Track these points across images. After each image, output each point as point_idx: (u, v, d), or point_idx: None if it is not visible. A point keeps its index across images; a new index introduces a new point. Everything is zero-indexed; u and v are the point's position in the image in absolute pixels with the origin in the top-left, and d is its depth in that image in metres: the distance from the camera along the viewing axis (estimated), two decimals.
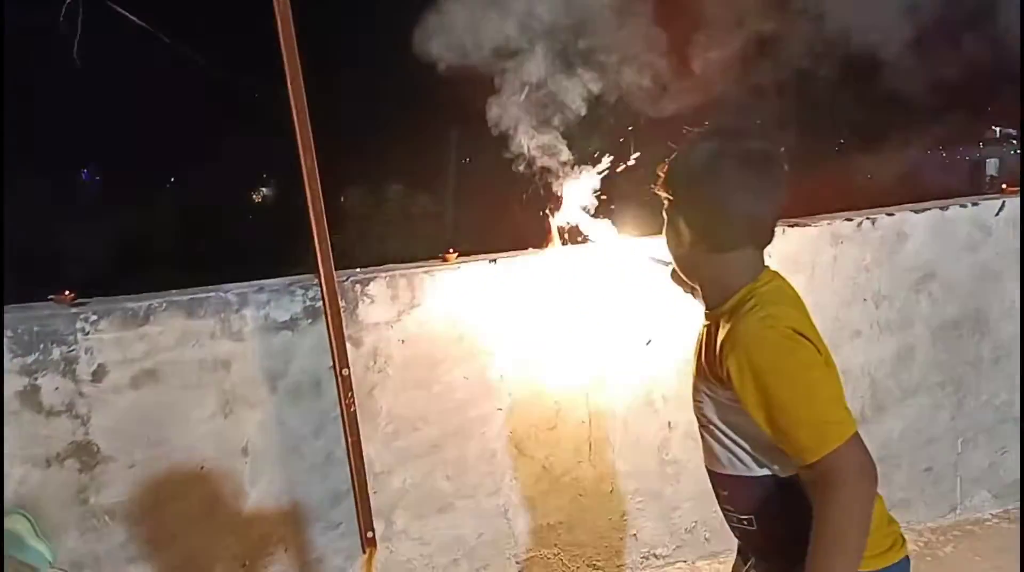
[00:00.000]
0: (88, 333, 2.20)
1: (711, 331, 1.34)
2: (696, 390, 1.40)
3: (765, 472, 1.32)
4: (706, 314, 1.39)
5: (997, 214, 2.75)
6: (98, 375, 2.21)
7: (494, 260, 2.43)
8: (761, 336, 1.22)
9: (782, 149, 1.35)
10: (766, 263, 1.35)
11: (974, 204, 2.73)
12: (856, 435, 1.18)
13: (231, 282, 2.39)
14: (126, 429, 2.25)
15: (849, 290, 2.67)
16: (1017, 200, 2.78)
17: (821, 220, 2.68)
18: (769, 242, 1.35)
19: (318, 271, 2.24)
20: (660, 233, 1.43)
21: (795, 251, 2.61)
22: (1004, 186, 2.83)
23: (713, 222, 1.31)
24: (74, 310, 2.21)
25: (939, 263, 2.72)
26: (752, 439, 1.31)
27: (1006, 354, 2.83)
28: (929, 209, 2.72)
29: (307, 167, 2.23)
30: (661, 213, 1.40)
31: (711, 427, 1.37)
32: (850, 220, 2.66)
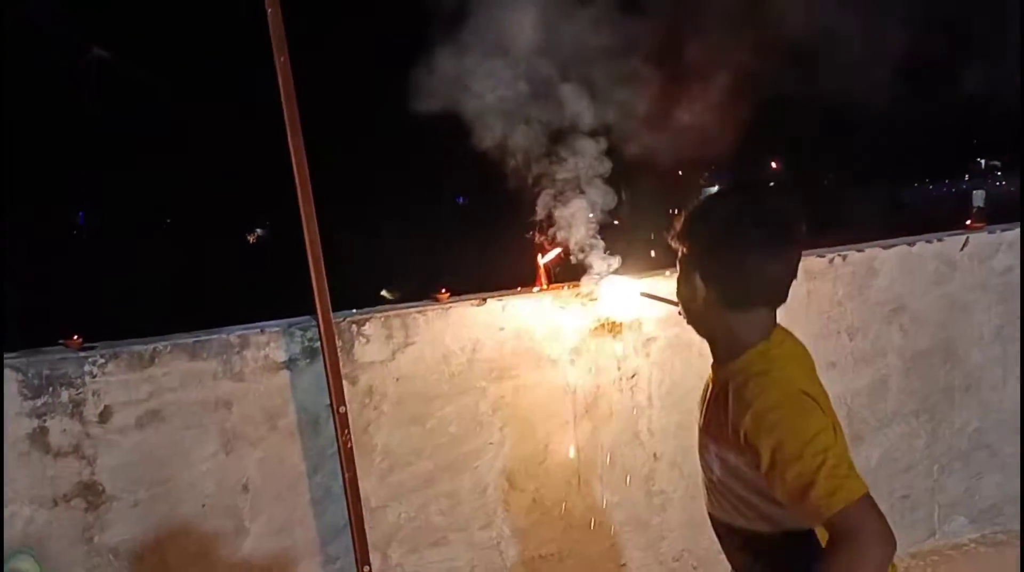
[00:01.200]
0: (96, 376, 2.30)
1: (721, 387, 1.37)
2: (703, 445, 1.43)
3: (767, 527, 1.34)
4: (714, 368, 1.42)
5: (962, 249, 2.89)
6: (104, 416, 2.31)
7: (484, 300, 2.55)
8: (773, 399, 1.25)
9: (798, 208, 1.37)
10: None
11: (939, 240, 2.87)
12: (869, 497, 1.18)
13: (226, 321, 2.50)
14: (131, 469, 2.33)
15: (823, 323, 2.79)
16: (981, 235, 2.93)
17: None
18: (783, 301, 1.37)
19: (316, 312, 2.35)
20: (657, 272, 1.53)
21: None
22: (968, 222, 2.98)
23: (730, 280, 1.33)
24: (82, 354, 2.31)
25: (908, 296, 2.86)
26: (758, 495, 1.32)
27: (976, 383, 2.95)
28: (897, 245, 2.86)
29: (306, 213, 2.36)
30: (675, 263, 1.43)
31: (717, 480, 1.39)
32: (822, 257, 2.79)
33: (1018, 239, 2.93)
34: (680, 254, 1.42)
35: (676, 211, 1.44)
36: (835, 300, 2.79)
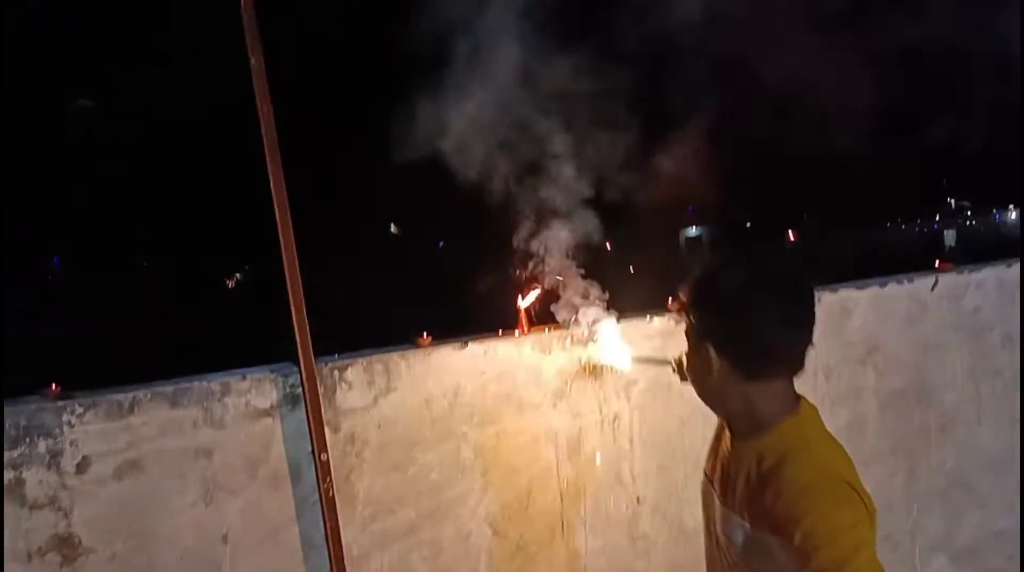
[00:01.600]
0: (74, 425, 2.27)
1: (749, 464, 1.32)
2: (724, 517, 1.38)
3: None
4: (735, 443, 1.37)
5: (932, 289, 2.96)
6: (82, 467, 2.28)
7: (465, 343, 2.57)
8: (814, 481, 1.23)
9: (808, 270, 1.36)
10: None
11: (910, 281, 2.94)
12: None
13: (202, 366, 2.50)
14: (108, 520, 2.30)
15: None
16: (950, 276, 3.00)
17: None
18: (802, 369, 1.34)
19: (298, 358, 2.36)
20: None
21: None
22: (937, 262, 3.06)
23: (747, 351, 1.30)
24: (60, 403, 2.29)
25: (882, 337, 2.91)
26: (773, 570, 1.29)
27: (951, 422, 2.99)
28: (870, 286, 2.92)
29: (288, 260, 2.39)
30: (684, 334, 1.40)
31: (737, 554, 1.36)
32: None
33: (986, 279, 3.01)
34: (688, 323, 1.39)
35: (677, 275, 1.42)
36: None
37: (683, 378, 1.54)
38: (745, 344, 1.31)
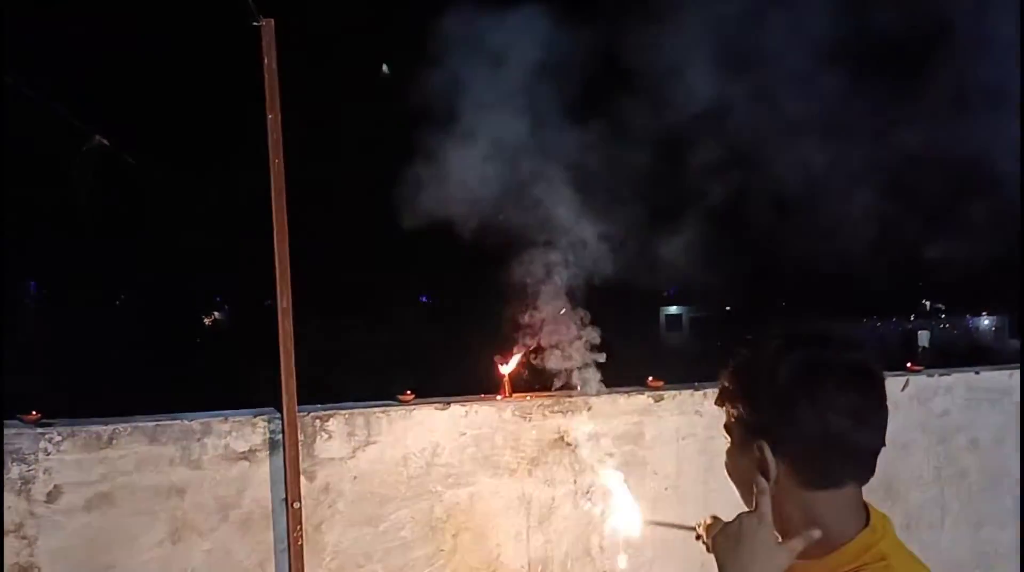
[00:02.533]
0: (50, 453, 2.27)
1: None
2: None
3: None
4: (797, 567, 1.16)
5: (903, 389, 3.05)
6: (53, 496, 2.27)
7: (447, 404, 2.61)
8: None
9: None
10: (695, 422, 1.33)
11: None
12: None
13: (173, 405, 2.52)
14: (72, 552, 2.27)
15: None
16: (921, 378, 3.10)
17: None
18: (872, 475, 1.19)
19: (282, 404, 2.39)
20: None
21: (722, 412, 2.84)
22: (908, 364, 3.16)
23: (811, 453, 1.11)
24: (40, 430, 2.29)
25: None
26: None
27: (915, 522, 3.04)
28: None
29: (283, 308, 2.44)
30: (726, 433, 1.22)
31: None
32: None
33: (955, 384, 3.11)
34: (732, 417, 1.20)
35: (722, 360, 1.23)
36: None
37: (709, 549, 1.25)
38: (811, 444, 1.10)
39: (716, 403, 1.24)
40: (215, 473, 2.39)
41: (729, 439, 1.24)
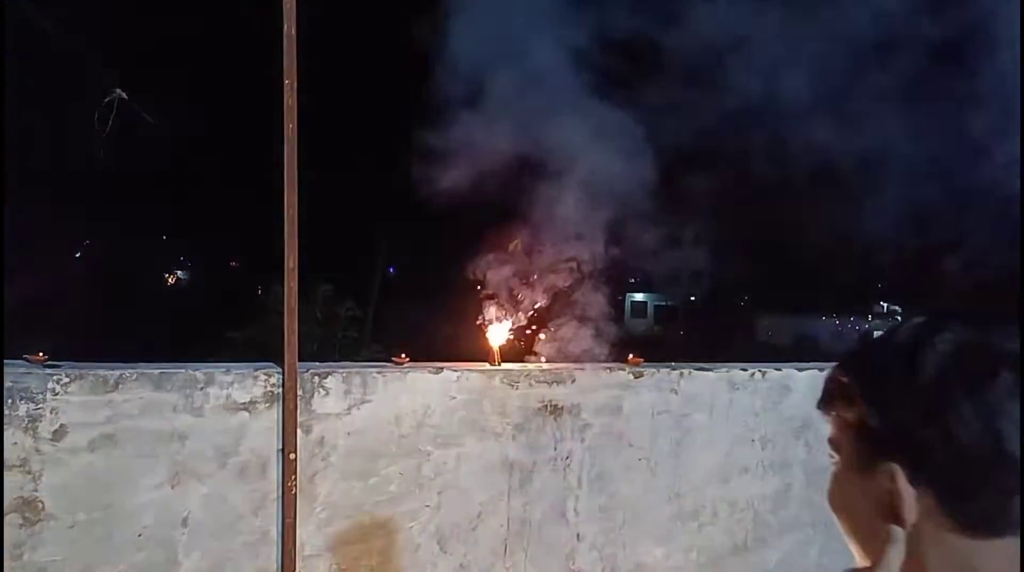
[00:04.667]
0: (57, 393, 2.35)
1: None
2: None
3: None
4: None
5: None
6: (58, 435, 2.35)
7: (440, 369, 2.74)
8: None
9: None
10: (671, 400, 1.22)
11: None
12: None
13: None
14: (74, 490, 2.36)
15: (741, 431, 3.08)
16: None
17: (720, 367, 3.12)
18: None
19: (283, 359, 2.50)
20: None
21: (698, 392, 3.02)
22: None
23: (972, 480, 0.74)
24: (48, 371, 2.36)
25: (815, 415, 3.17)
26: None
27: None
28: (810, 369, 3.20)
29: (289, 268, 2.54)
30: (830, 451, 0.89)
31: None
32: (745, 370, 3.11)
33: None
34: (847, 426, 0.86)
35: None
36: (753, 410, 3.09)
37: None
38: (972, 467, 0.74)
39: (820, 407, 0.91)
40: (216, 422, 2.49)
41: (837, 458, 0.89)
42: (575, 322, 3.15)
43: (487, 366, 2.82)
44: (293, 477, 2.50)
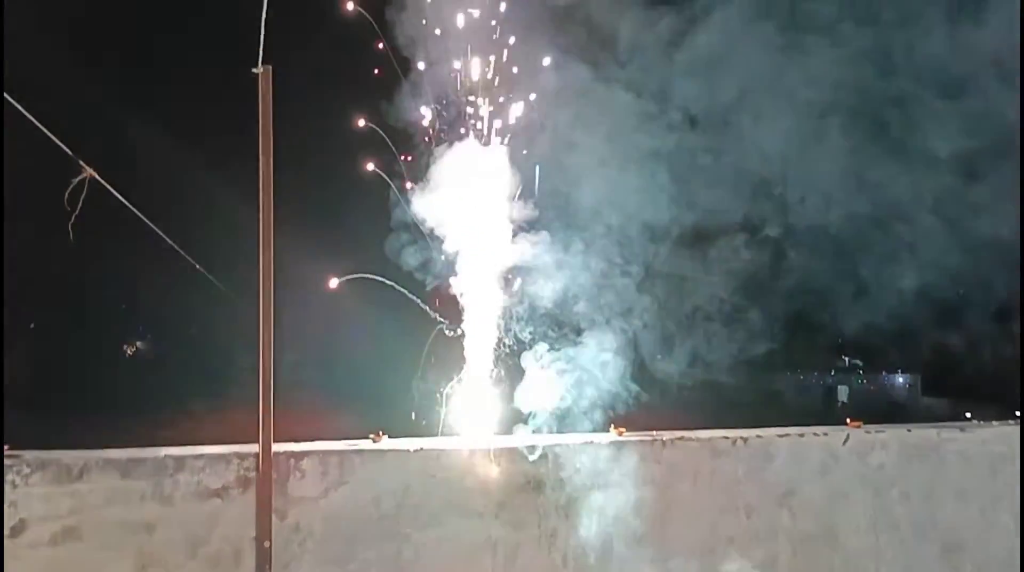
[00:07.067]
0: (17, 486, 2.23)
1: None
2: None
3: None
4: None
5: (844, 443, 3.26)
6: (17, 530, 2.22)
7: (420, 447, 2.67)
8: None
9: None
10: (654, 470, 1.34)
11: (824, 434, 3.23)
12: None
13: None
14: None
15: (726, 500, 3.04)
16: (859, 433, 3.31)
17: (701, 435, 3.10)
18: None
19: (258, 440, 2.42)
20: None
21: (680, 461, 2.99)
22: (848, 420, 3.37)
23: None
24: (8, 461, 2.25)
25: (798, 482, 3.16)
26: None
27: (853, 567, 3.22)
28: (790, 435, 3.20)
29: (264, 341, 2.48)
30: None
31: None
32: (726, 438, 3.08)
33: (889, 440, 3.33)
34: None
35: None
36: (736, 478, 3.05)
37: None
38: None
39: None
40: (186, 510, 2.38)
41: None
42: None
43: (468, 441, 2.76)
44: (267, 566, 2.40)
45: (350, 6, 3.23)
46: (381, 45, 3.22)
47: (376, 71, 3.31)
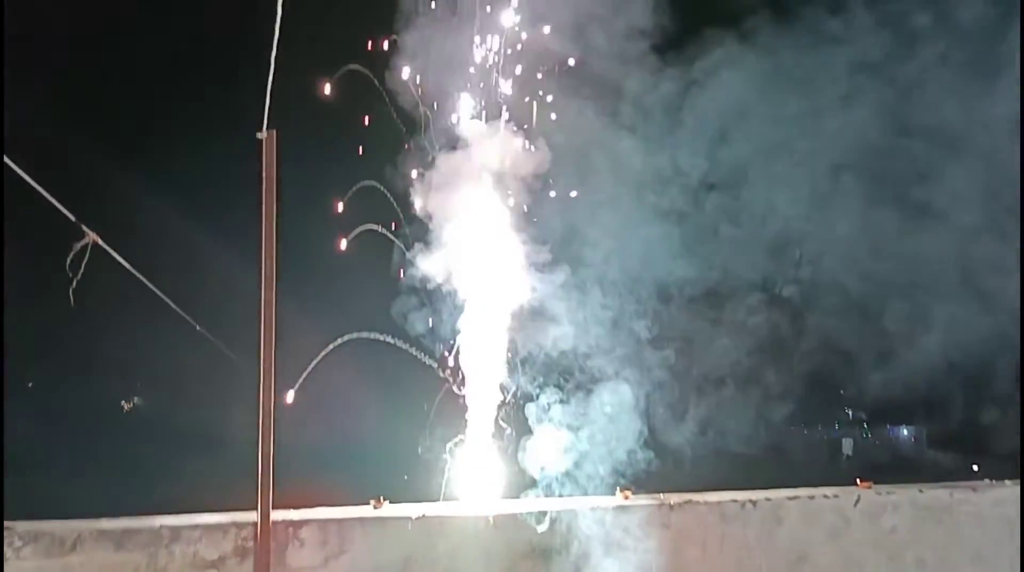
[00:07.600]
0: (8, 560, 2.17)
1: None
2: None
3: None
4: None
5: (855, 505, 3.18)
6: None
7: (423, 515, 2.60)
8: None
9: None
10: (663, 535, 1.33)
11: (835, 496, 3.16)
12: None
13: None
14: None
15: (735, 567, 2.95)
16: (870, 494, 3.24)
17: (709, 497, 3.02)
18: None
19: (257, 509, 2.36)
20: None
21: (689, 525, 2.91)
22: (858, 480, 3.29)
23: None
24: None
25: (810, 546, 3.07)
26: None
27: None
28: (799, 497, 3.12)
29: (264, 408, 2.44)
30: None
31: None
32: (735, 501, 3.01)
33: (901, 501, 3.26)
34: None
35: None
36: (746, 544, 2.97)
37: None
38: None
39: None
40: None
41: None
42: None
43: (470, 507, 2.70)
44: None
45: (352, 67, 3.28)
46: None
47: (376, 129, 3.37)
